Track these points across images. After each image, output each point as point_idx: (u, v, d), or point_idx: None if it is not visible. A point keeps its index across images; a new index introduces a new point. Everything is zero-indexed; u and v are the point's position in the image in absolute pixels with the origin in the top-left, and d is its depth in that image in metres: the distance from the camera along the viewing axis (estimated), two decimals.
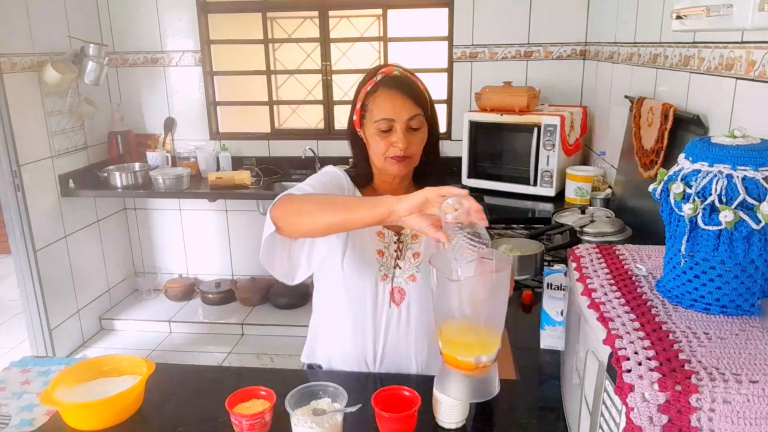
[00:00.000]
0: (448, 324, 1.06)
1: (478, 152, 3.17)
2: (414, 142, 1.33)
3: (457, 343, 1.05)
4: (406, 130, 1.32)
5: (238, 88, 4.06)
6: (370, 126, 1.33)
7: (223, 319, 3.81)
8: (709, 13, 1.15)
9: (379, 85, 1.33)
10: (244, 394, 1.19)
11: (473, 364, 1.05)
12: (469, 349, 1.05)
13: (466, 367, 1.05)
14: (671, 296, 0.94)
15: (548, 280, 1.44)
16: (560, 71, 3.47)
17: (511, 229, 2.45)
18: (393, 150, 1.32)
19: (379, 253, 1.40)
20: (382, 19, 3.68)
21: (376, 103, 1.32)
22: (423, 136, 1.36)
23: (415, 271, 1.42)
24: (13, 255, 3.25)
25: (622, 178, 2.47)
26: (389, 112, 1.30)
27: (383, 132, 1.32)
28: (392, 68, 1.35)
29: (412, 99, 1.32)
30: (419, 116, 1.33)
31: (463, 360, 1.05)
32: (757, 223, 0.82)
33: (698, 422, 0.71)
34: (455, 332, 1.05)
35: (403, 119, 1.31)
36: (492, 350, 1.06)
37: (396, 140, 1.31)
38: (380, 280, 1.41)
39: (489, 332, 1.05)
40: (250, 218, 3.95)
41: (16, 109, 3.08)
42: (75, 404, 1.22)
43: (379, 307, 1.42)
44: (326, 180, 1.37)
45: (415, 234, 1.42)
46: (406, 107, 1.31)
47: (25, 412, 1.28)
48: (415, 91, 1.33)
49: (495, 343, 1.06)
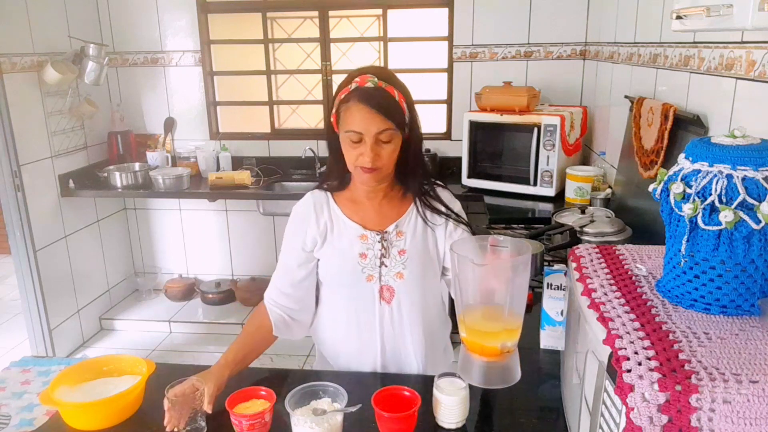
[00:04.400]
0: (472, 311, 1.05)
1: (478, 152, 3.17)
2: (383, 155, 1.33)
3: (481, 330, 1.05)
4: (375, 143, 1.31)
5: (238, 88, 4.06)
6: (342, 134, 1.34)
7: (223, 319, 3.81)
8: (709, 13, 1.15)
9: (351, 95, 1.31)
10: (244, 394, 1.19)
11: (498, 350, 1.05)
12: (494, 336, 1.04)
13: (490, 353, 1.05)
14: (671, 296, 0.94)
15: (548, 280, 1.44)
16: (560, 71, 3.47)
17: (511, 229, 2.45)
18: (361, 160, 1.32)
19: (362, 255, 1.42)
20: (382, 19, 3.68)
21: (347, 114, 1.32)
22: (394, 147, 1.34)
23: (401, 268, 1.42)
24: (13, 255, 3.25)
25: (622, 178, 2.47)
26: (358, 125, 1.30)
27: (353, 142, 1.32)
28: (366, 78, 1.32)
29: (382, 113, 1.29)
30: (389, 130, 1.31)
31: (488, 346, 1.04)
32: (757, 223, 0.82)
33: (698, 422, 0.71)
34: (479, 319, 1.05)
35: (372, 133, 1.30)
36: (515, 335, 1.06)
37: (363, 152, 1.31)
38: (366, 281, 1.42)
39: (513, 317, 1.04)
40: (250, 218, 3.95)
41: (16, 109, 3.08)
42: (75, 404, 1.22)
43: (369, 307, 1.44)
44: (293, 240, 1.46)
45: (400, 231, 1.43)
46: (375, 122, 1.29)
47: (25, 412, 1.28)
48: (386, 105, 1.31)
49: (518, 327, 1.06)
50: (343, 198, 1.46)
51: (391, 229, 1.43)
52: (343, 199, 1.46)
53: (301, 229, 1.45)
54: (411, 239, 1.43)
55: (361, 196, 1.45)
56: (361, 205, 1.45)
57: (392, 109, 1.31)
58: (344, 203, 1.45)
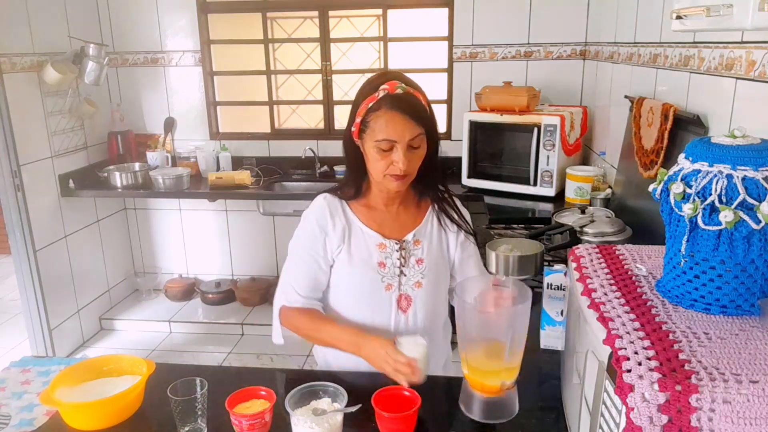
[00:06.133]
0: (474, 350, 1.11)
1: (478, 152, 3.17)
2: (414, 159, 1.33)
3: (482, 369, 1.11)
4: (407, 149, 1.31)
5: (238, 88, 4.06)
6: (370, 143, 1.32)
7: (223, 319, 3.80)
8: (709, 13, 1.15)
9: (381, 103, 1.29)
10: (244, 394, 1.19)
11: (498, 387, 1.11)
12: (495, 374, 1.11)
13: (490, 390, 1.12)
14: (671, 296, 0.94)
15: (548, 280, 1.44)
16: (560, 71, 3.47)
17: (511, 229, 2.45)
18: (393, 168, 1.31)
19: (381, 264, 1.41)
20: (382, 19, 3.68)
21: (378, 123, 1.30)
22: (422, 152, 1.35)
23: (420, 277, 1.42)
24: (13, 255, 3.25)
25: (622, 178, 2.47)
26: (391, 134, 1.29)
27: (384, 151, 1.31)
28: (395, 84, 1.30)
29: (414, 119, 1.29)
30: (420, 135, 1.31)
31: (489, 384, 1.11)
32: (757, 223, 0.82)
33: (698, 422, 0.71)
34: (481, 358, 1.11)
35: (405, 140, 1.29)
36: (514, 374, 1.12)
37: (397, 160, 1.30)
38: (385, 290, 1.41)
39: (513, 356, 1.10)
40: (250, 218, 3.95)
41: (16, 109, 3.08)
42: (75, 404, 1.22)
43: (385, 315, 1.43)
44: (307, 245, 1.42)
45: (417, 240, 1.43)
46: (408, 128, 1.29)
47: (25, 412, 1.28)
48: (418, 110, 1.31)
49: (517, 367, 1.12)
50: (359, 205, 1.44)
51: (409, 238, 1.43)
52: (359, 206, 1.44)
53: (320, 234, 1.41)
54: (428, 248, 1.44)
55: (378, 204, 1.43)
56: (378, 212, 1.43)
57: (423, 115, 1.32)
58: (360, 210, 1.43)
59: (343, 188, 1.45)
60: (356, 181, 1.43)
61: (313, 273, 1.43)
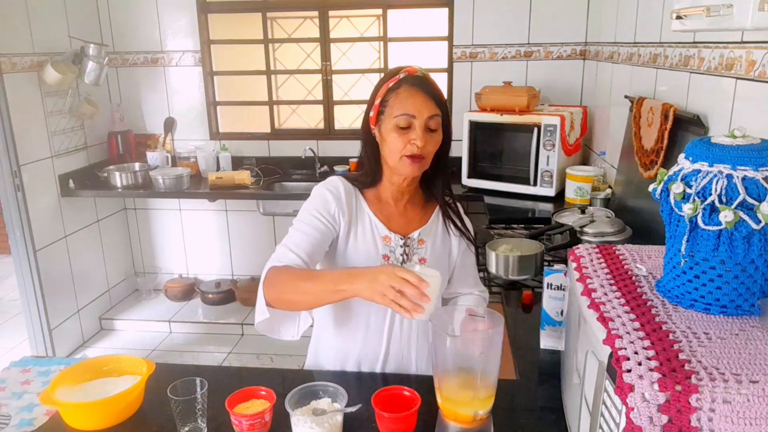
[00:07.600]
0: (446, 379, 1.09)
1: (478, 152, 3.17)
2: (430, 142, 1.34)
3: (455, 399, 1.09)
4: (425, 129, 1.32)
5: (238, 88, 4.06)
6: (389, 122, 1.33)
7: (223, 319, 3.81)
8: (709, 13, 1.15)
9: (402, 82, 1.34)
10: (244, 394, 1.19)
11: (471, 417, 1.09)
12: (467, 404, 1.09)
13: (464, 420, 1.09)
14: (671, 296, 0.94)
15: (548, 280, 1.44)
16: (560, 71, 3.47)
17: (511, 229, 2.45)
18: (410, 147, 1.32)
19: (385, 257, 1.41)
20: (382, 19, 3.68)
21: (398, 99, 1.33)
22: (438, 138, 1.36)
23: None
24: (13, 255, 3.25)
25: (622, 178, 2.47)
26: (410, 108, 1.31)
27: (401, 129, 1.32)
28: (415, 69, 1.37)
29: (433, 99, 1.33)
30: (438, 117, 1.34)
31: (462, 413, 1.09)
32: (757, 223, 0.82)
33: (698, 422, 0.71)
34: (453, 387, 1.09)
35: (424, 117, 1.32)
36: (488, 404, 1.10)
37: (414, 137, 1.31)
38: None
39: (486, 386, 1.08)
40: (250, 218, 3.95)
41: (16, 109, 3.08)
42: (75, 404, 1.22)
43: (382, 312, 1.42)
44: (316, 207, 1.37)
45: (422, 239, 1.43)
46: (427, 106, 1.32)
47: (25, 412, 1.28)
48: (437, 93, 1.35)
49: (491, 396, 1.10)
50: (370, 194, 1.45)
51: (414, 235, 1.43)
52: (370, 196, 1.45)
53: (333, 200, 1.37)
54: (431, 249, 1.45)
55: (388, 197, 1.44)
56: (387, 205, 1.45)
57: (441, 99, 1.36)
58: (371, 200, 1.44)
59: (360, 177, 1.46)
60: (370, 172, 1.43)
61: (317, 234, 1.36)
